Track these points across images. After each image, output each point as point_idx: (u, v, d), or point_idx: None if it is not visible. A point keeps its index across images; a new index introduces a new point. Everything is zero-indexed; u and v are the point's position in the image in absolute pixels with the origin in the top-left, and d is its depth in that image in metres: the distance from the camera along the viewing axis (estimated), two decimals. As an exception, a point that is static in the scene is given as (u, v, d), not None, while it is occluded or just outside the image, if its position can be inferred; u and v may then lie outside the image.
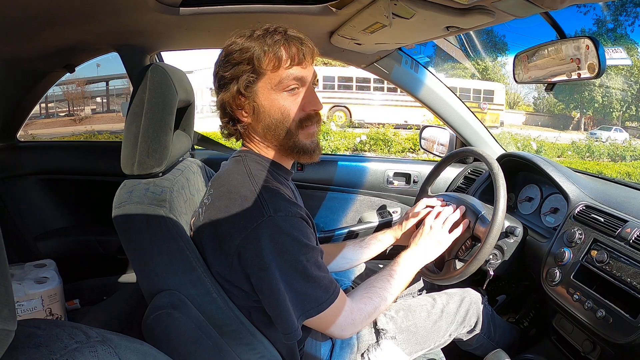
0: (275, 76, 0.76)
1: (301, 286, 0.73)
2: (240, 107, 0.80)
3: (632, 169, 8.57)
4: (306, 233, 0.75)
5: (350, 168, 1.77)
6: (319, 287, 0.75)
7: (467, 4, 0.76)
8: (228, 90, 0.78)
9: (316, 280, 0.74)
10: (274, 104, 0.78)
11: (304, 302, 0.73)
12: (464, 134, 1.60)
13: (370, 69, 1.51)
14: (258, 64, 0.75)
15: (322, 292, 0.75)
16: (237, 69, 0.76)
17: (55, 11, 0.93)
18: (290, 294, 0.72)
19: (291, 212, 0.73)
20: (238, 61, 0.76)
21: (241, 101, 0.79)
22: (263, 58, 0.75)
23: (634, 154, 10.18)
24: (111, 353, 0.40)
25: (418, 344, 1.01)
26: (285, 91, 0.77)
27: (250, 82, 0.77)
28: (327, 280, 0.76)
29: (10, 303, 0.31)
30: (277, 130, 0.79)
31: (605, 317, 0.89)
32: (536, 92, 18.44)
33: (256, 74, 0.76)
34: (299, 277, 0.72)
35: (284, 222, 0.72)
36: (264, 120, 0.79)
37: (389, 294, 0.88)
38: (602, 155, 10.26)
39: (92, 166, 1.79)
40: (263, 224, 0.70)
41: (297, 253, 0.72)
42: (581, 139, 11.72)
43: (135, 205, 0.76)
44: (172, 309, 0.72)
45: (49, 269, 1.48)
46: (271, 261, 0.70)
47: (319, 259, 0.76)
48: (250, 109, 0.79)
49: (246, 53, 0.75)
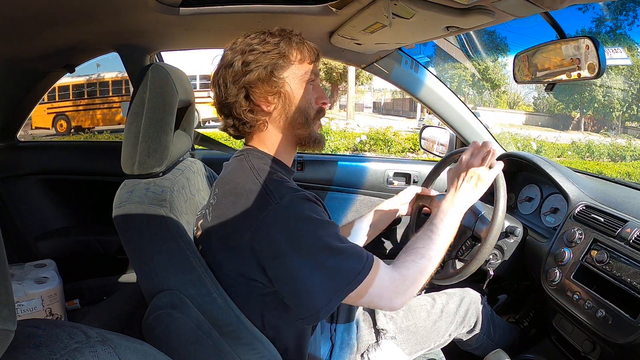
0: (302, 68, 0.81)
1: (330, 261, 0.69)
2: (267, 93, 0.79)
3: (632, 169, 8.56)
4: (317, 210, 0.73)
5: (350, 168, 1.77)
6: (350, 256, 0.71)
7: (467, 4, 0.76)
8: (254, 73, 0.78)
9: (344, 251, 0.71)
10: (300, 92, 0.81)
11: (338, 277, 0.69)
12: (464, 134, 1.60)
13: (370, 69, 1.52)
14: (288, 54, 0.79)
15: (355, 261, 0.71)
16: (265, 56, 0.78)
17: (55, 11, 0.93)
18: (320, 274, 0.68)
19: (297, 194, 0.73)
20: (267, 50, 0.78)
21: (267, 87, 0.79)
22: (291, 50, 0.79)
23: (634, 154, 10.18)
24: (111, 353, 0.40)
25: (418, 344, 1.02)
26: (307, 83, 0.82)
27: (279, 69, 0.79)
28: (356, 248, 0.73)
29: (10, 303, 0.31)
30: (299, 119, 0.82)
31: (605, 317, 0.89)
32: (536, 92, 18.46)
33: (285, 63, 0.79)
34: (324, 253, 0.69)
35: (293, 205, 0.71)
36: (289, 107, 0.81)
37: (435, 252, 0.83)
38: (602, 155, 10.25)
39: (92, 166, 1.79)
40: (271, 213, 0.69)
41: (314, 231, 0.70)
42: (581, 139, 11.71)
43: (135, 205, 0.76)
44: (172, 309, 0.72)
45: (49, 269, 1.48)
46: (287, 248, 0.68)
47: (337, 231, 0.74)
48: (277, 96, 0.80)
49: (274, 45, 0.78)
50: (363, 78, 18.40)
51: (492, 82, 17.62)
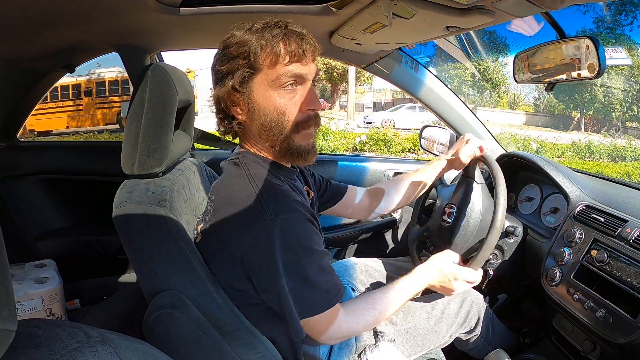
0: (273, 72, 0.72)
1: (300, 289, 0.71)
2: (235, 104, 0.77)
3: (632, 169, 8.56)
4: (309, 235, 0.72)
5: (350, 168, 1.77)
6: (319, 291, 0.73)
7: (467, 4, 0.76)
8: (223, 85, 0.75)
9: (316, 285, 0.72)
10: (269, 102, 0.74)
11: (301, 304, 0.72)
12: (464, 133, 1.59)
13: (370, 69, 1.51)
14: (254, 59, 0.71)
15: (320, 296, 0.73)
16: (233, 63, 0.73)
17: (55, 11, 0.93)
18: (291, 296, 0.71)
19: (294, 213, 0.71)
20: (234, 55, 0.73)
21: (236, 97, 0.76)
22: (260, 53, 0.71)
23: (634, 154, 10.18)
24: (112, 353, 0.40)
25: (417, 346, 1.01)
26: (282, 89, 0.73)
27: (246, 78, 0.73)
28: (329, 284, 0.74)
29: (11, 303, 0.31)
30: (272, 130, 0.75)
31: (605, 317, 0.89)
32: (536, 92, 18.46)
33: (252, 69, 0.72)
34: (298, 280, 0.71)
35: (286, 225, 0.70)
36: (258, 118, 0.75)
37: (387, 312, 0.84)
38: (602, 155, 10.25)
39: (92, 166, 1.79)
40: (265, 227, 0.69)
41: (298, 256, 0.70)
42: (581, 139, 11.71)
43: (135, 205, 0.76)
44: (173, 309, 0.72)
45: (49, 269, 1.48)
46: (274, 263, 0.69)
47: (322, 262, 0.74)
48: (245, 107, 0.76)
49: (243, 47, 0.72)
50: (364, 78, 18.42)
51: (492, 82, 17.62)
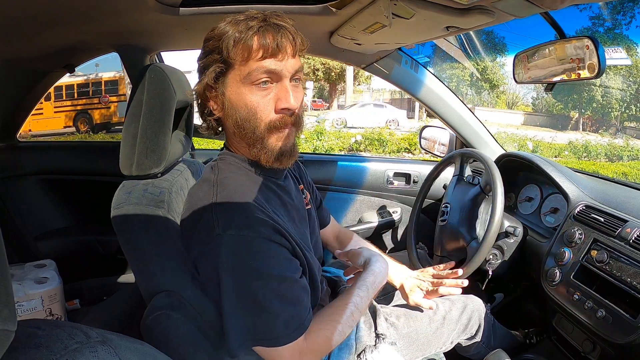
0: (245, 68, 0.69)
1: (249, 313, 0.66)
2: (209, 100, 0.75)
3: (629, 169, 8.57)
4: (265, 257, 0.66)
5: (350, 168, 1.77)
6: (275, 320, 0.66)
7: (467, 4, 0.76)
8: (201, 80, 0.73)
9: (272, 312, 0.66)
10: (240, 99, 0.70)
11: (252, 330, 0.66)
12: (464, 134, 1.60)
13: (370, 69, 1.51)
14: (227, 54, 0.68)
15: (278, 325, 0.66)
16: (208, 57, 0.71)
17: (55, 11, 0.93)
18: (236, 317, 0.66)
19: (247, 230, 0.65)
20: (210, 49, 0.71)
21: (210, 93, 0.74)
22: (232, 47, 0.68)
23: (631, 153, 10.18)
24: (111, 353, 0.40)
25: (419, 350, 1.01)
26: (254, 85, 0.69)
27: (220, 73, 0.71)
28: (287, 314, 0.67)
29: (11, 303, 0.31)
30: (244, 129, 0.72)
31: (605, 317, 0.89)
32: (535, 92, 18.42)
33: (226, 64, 0.70)
34: (247, 304, 0.66)
35: (235, 243, 0.65)
36: (231, 116, 0.73)
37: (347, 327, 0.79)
38: (599, 155, 10.26)
39: (91, 166, 1.79)
40: (212, 242, 0.66)
41: (247, 279, 0.65)
42: (578, 139, 11.70)
43: (133, 206, 0.76)
44: (171, 310, 0.72)
45: (49, 269, 1.48)
46: (218, 281, 0.66)
47: (282, 289, 0.67)
48: (220, 103, 0.74)
49: (218, 41, 0.69)
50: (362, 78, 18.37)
51: (490, 82, 17.62)
